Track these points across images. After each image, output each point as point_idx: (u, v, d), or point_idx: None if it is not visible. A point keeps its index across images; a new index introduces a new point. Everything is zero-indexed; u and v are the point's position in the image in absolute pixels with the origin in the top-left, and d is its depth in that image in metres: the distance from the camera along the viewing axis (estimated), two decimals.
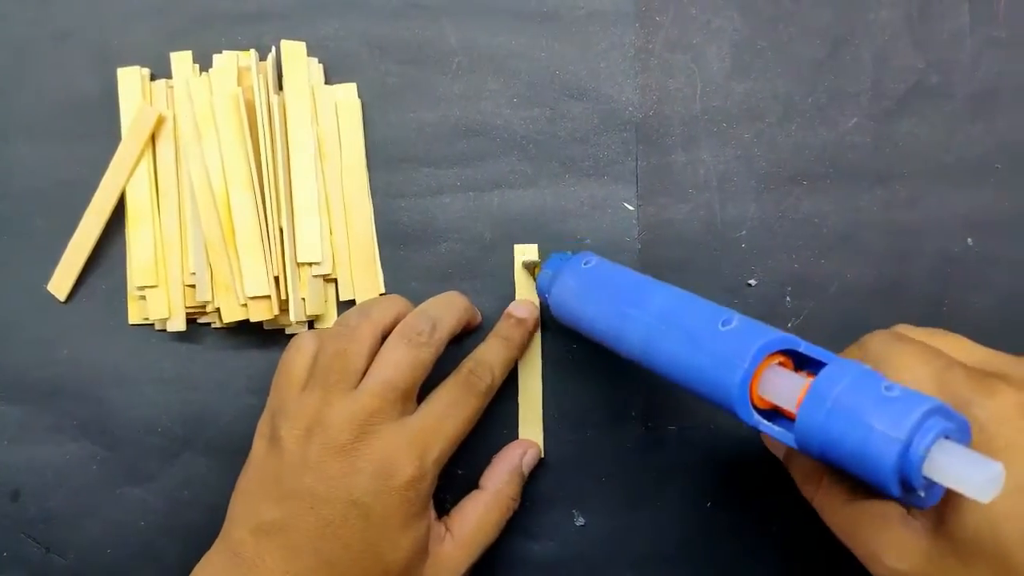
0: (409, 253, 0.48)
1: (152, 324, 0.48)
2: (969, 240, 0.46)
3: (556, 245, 0.47)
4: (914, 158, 0.47)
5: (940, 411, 0.29)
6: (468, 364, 0.44)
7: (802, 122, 0.47)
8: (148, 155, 0.47)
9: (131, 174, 0.47)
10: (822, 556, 0.46)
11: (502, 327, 0.46)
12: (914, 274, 0.46)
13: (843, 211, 0.47)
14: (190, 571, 0.40)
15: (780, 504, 0.46)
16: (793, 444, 0.31)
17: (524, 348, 0.46)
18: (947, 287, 0.46)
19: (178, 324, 0.47)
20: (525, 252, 0.47)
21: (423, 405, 0.42)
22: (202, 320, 0.47)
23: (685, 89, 0.47)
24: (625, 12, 0.47)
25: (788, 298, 0.46)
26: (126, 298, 0.48)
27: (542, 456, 0.47)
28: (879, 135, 0.47)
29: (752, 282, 0.47)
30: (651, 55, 0.48)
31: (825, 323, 0.46)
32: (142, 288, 0.47)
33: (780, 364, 0.33)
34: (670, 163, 0.47)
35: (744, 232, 0.47)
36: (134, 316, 0.48)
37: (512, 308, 0.46)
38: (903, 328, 0.36)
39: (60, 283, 0.48)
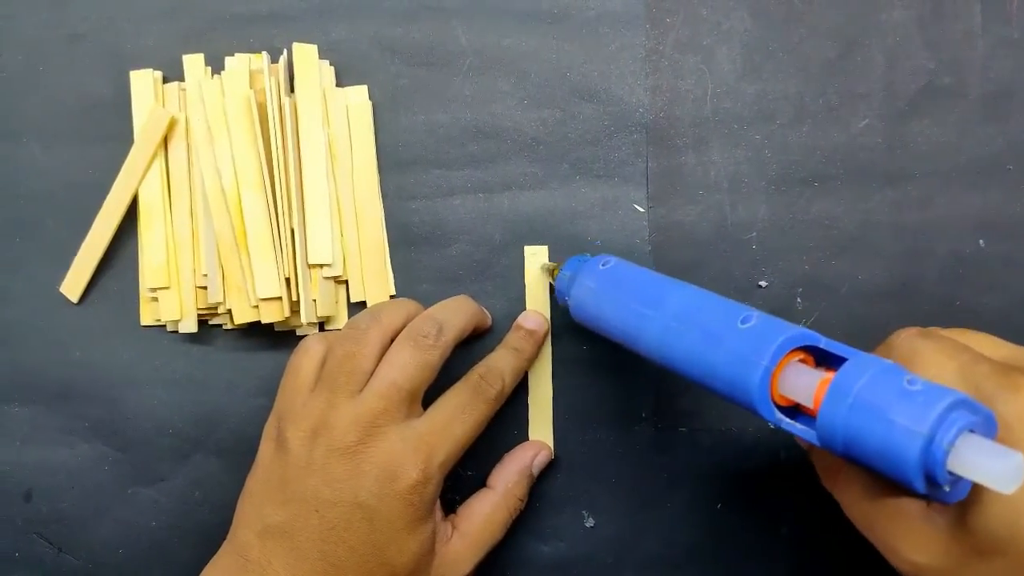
0: (420, 255, 0.48)
1: (164, 325, 0.48)
2: (981, 241, 0.46)
3: (566, 247, 0.47)
4: (926, 159, 0.46)
5: (964, 404, 0.28)
6: (479, 370, 0.43)
7: (813, 123, 0.47)
8: (160, 157, 0.48)
9: (143, 176, 0.48)
10: (833, 558, 0.46)
11: (512, 338, 0.46)
12: (926, 275, 0.46)
13: (854, 212, 0.46)
14: (201, 571, 0.40)
15: (790, 506, 0.46)
16: (815, 441, 0.31)
17: (534, 358, 0.46)
18: (959, 288, 0.46)
19: (190, 325, 0.47)
20: (536, 254, 0.47)
21: (431, 409, 0.41)
22: (213, 321, 0.48)
23: (696, 90, 0.47)
24: (635, 13, 0.47)
25: (799, 299, 0.46)
26: (138, 300, 0.49)
27: (552, 458, 0.47)
28: (891, 136, 0.47)
29: (763, 283, 0.47)
30: (661, 56, 0.47)
31: (836, 324, 0.46)
32: (154, 290, 0.47)
33: (800, 361, 0.33)
34: (680, 165, 0.47)
35: (755, 233, 0.47)
36: (146, 317, 0.48)
37: (522, 319, 0.46)
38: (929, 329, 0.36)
39: (72, 285, 0.48)
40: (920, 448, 0.28)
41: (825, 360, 0.33)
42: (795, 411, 0.33)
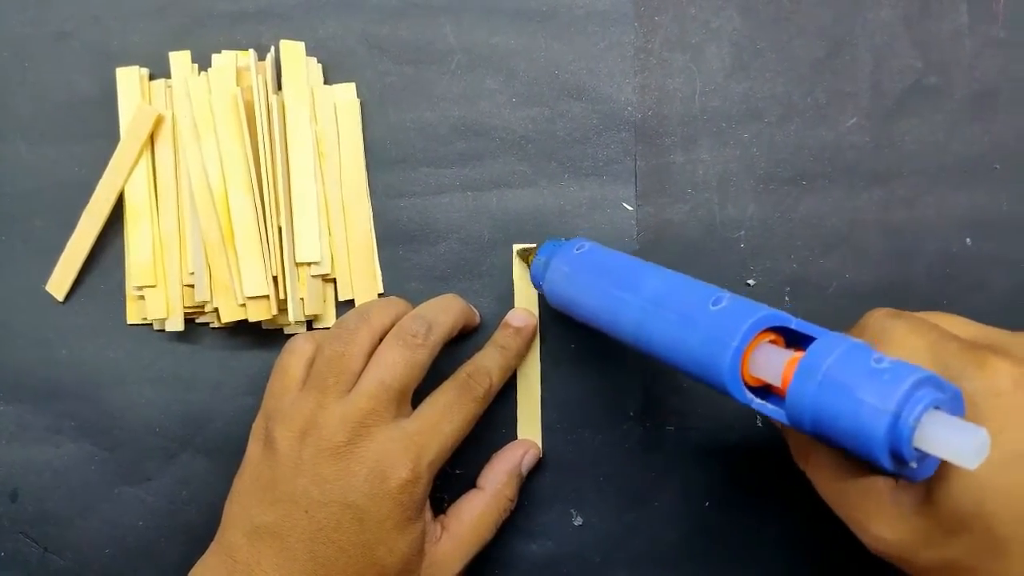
0: (408, 253, 0.48)
1: (151, 324, 0.48)
2: (968, 240, 0.46)
3: None
4: (913, 158, 0.47)
5: (930, 381, 0.28)
6: (467, 368, 0.43)
7: (801, 122, 0.47)
8: (147, 155, 0.47)
9: (130, 174, 0.47)
10: (821, 555, 0.46)
11: (499, 336, 0.46)
12: (913, 274, 0.46)
13: (842, 211, 0.47)
14: (188, 571, 0.40)
15: (778, 503, 0.46)
16: (785, 420, 0.31)
17: (522, 356, 0.46)
18: (946, 287, 0.46)
19: (176, 324, 0.47)
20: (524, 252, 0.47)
21: (419, 408, 0.41)
22: (200, 320, 0.47)
23: (684, 89, 0.47)
24: (624, 12, 0.47)
25: (787, 298, 0.46)
26: (124, 298, 0.48)
27: (541, 456, 0.47)
28: (878, 135, 0.47)
29: (751, 282, 0.47)
30: (650, 55, 0.47)
31: (824, 323, 0.45)
32: (140, 288, 0.47)
33: (771, 342, 0.33)
34: (669, 163, 0.47)
35: (743, 232, 0.47)
36: (132, 316, 0.48)
37: (509, 317, 0.46)
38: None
39: (59, 283, 0.48)
40: (886, 426, 0.28)
41: (796, 341, 0.33)
42: (767, 392, 0.33)
